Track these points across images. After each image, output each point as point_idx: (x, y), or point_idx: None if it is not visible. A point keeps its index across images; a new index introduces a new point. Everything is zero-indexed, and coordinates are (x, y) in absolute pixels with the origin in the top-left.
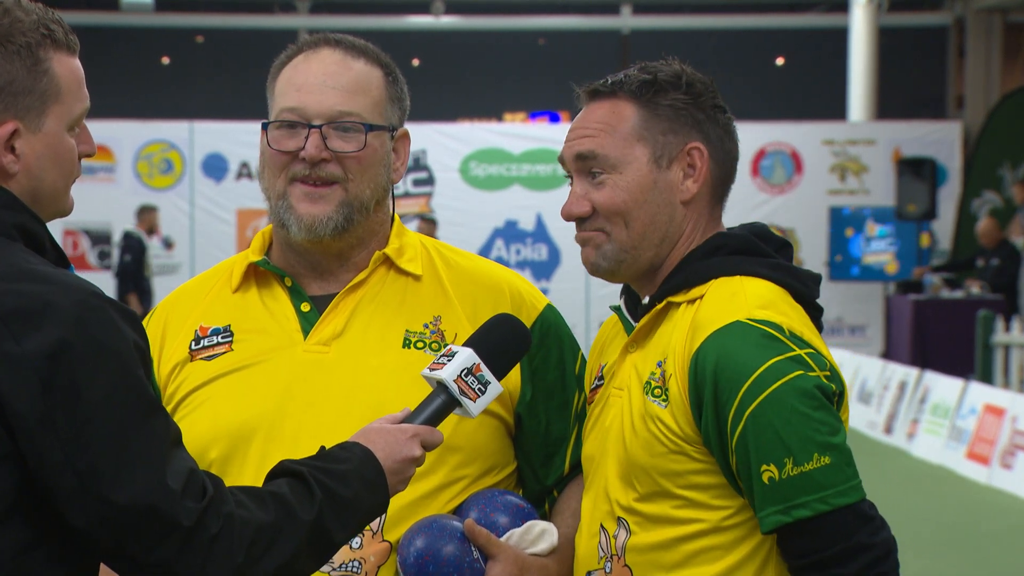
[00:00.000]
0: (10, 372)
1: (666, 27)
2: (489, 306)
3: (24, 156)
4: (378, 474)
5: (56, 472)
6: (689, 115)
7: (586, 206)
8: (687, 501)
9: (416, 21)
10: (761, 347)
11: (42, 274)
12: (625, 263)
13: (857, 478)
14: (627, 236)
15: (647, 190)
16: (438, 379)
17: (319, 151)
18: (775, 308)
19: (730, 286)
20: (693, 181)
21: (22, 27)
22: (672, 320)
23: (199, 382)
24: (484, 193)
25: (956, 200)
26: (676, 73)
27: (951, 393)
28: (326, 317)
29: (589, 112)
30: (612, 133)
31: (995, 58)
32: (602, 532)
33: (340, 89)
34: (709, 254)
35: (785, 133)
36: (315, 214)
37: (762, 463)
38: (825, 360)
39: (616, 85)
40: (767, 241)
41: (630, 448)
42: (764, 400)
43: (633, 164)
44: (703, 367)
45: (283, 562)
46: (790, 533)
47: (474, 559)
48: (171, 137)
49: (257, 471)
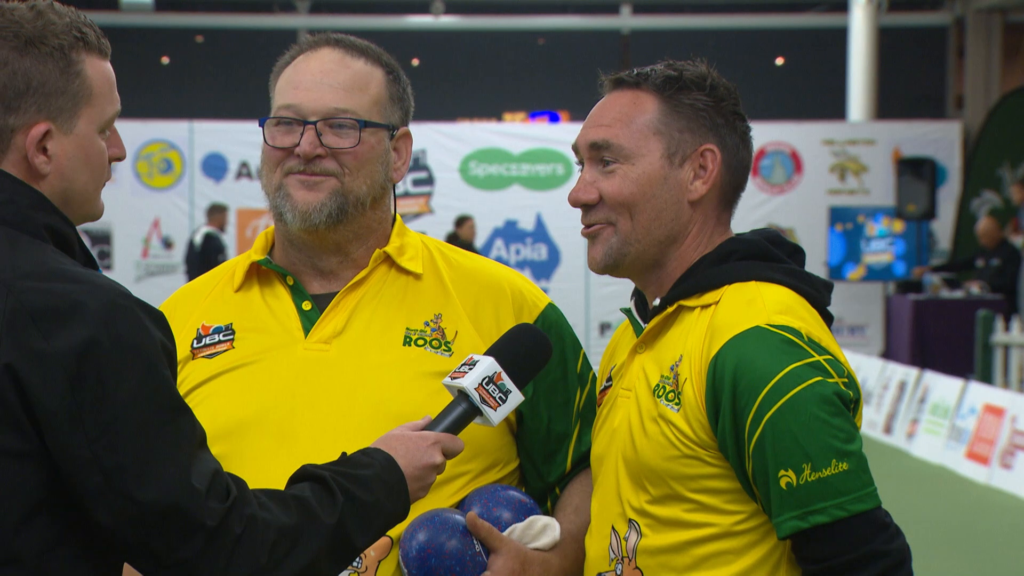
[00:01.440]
0: (39, 369)
1: (666, 27)
2: (490, 305)
3: (56, 157)
4: (399, 480)
5: (83, 469)
6: (708, 117)
7: (593, 193)
8: (699, 505)
9: (416, 21)
10: (780, 353)
11: (71, 274)
12: (628, 256)
13: (873, 485)
14: (631, 228)
15: (656, 184)
16: (459, 387)
17: (313, 147)
18: (793, 314)
19: (747, 291)
20: (703, 182)
21: (55, 29)
22: (684, 324)
23: (200, 380)
24: (484, 193)
25: (956, 200)
26: (702, 74)
27: (951, 393)
28: (327, 315)
29: (610, 101)
30: (629, 124)
31: (995, 58)
32: (613, 534)
33: (336, 87)
34: (722, 259)
35: (785, 133)
36: (309, 201)
37: (780, 468)
38: (843, 367)
39: (641, 77)
40: (780, 246)
41: (640, 450)
42: (783, 406)
43: (646, 157)
44: (721, 372)
45: (304, 565)
46: (806, 539)
47: (476, 552)
48: (171, 137)
49: (258, 468)
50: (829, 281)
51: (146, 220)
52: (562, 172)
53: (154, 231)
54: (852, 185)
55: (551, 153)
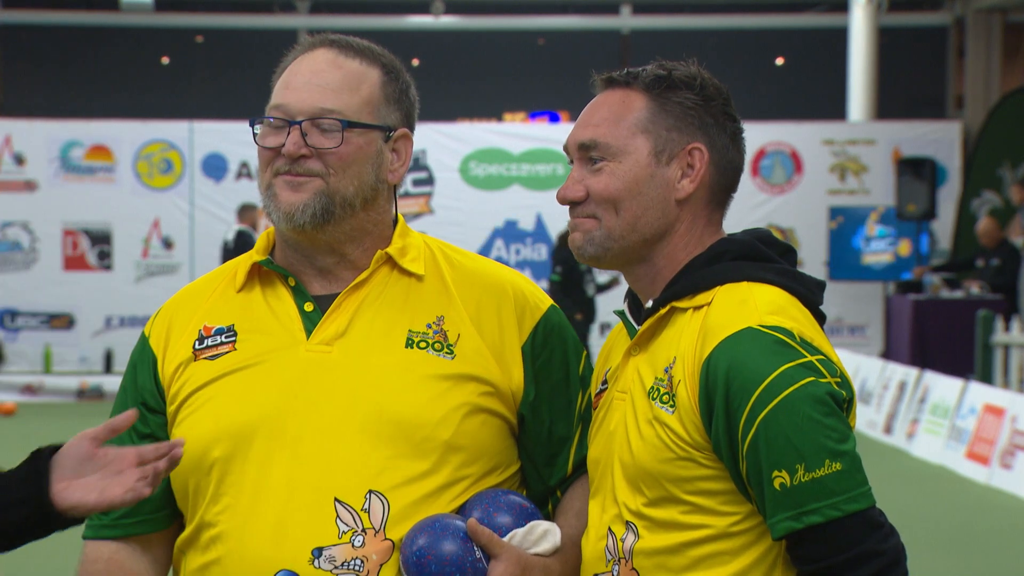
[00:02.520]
0: None
1: (666, 27)
2: (493, 307)
3: None
4: None
5: None
6: (697, 116)
7: (580, 191)
8: (695, 507)
9: (416, 21)
10: (772, 353)
11: None
12: (612, 251)
13: (867, 484)
14: (616, 224)
15: (642, 182)
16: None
17: (297, 147)
18: (785, 314)
19: (739, 292)
20: (690, 181)
21: None
22: (677, 326)
23: (202, 382)
24: (484, 193)
25: (956, 200)
26: (692, 74)
27: (951, 393)
28: (329, 316)
29: (599, 101)
30: (617, 122)
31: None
32: (609, 535)
33: (324, 87)
34: (713, 260)
35: (785, 133)
36: (293, 201)
37: (773, 469)
38: (835, 367)
39: (631, 76)
40: (771, 246)
41: (636, 453)
42: (776, 407)
43: (633, 155)
44: (714, 374)
45: None
46: (800, 539)
47: (476, 559)
48: (171, 137)
49: (259, 470)
50: (821, 280)
51: (146, 220)
52: (562, 172)
53: (154, 231)
54: (852, 185)
55: (551, 153)
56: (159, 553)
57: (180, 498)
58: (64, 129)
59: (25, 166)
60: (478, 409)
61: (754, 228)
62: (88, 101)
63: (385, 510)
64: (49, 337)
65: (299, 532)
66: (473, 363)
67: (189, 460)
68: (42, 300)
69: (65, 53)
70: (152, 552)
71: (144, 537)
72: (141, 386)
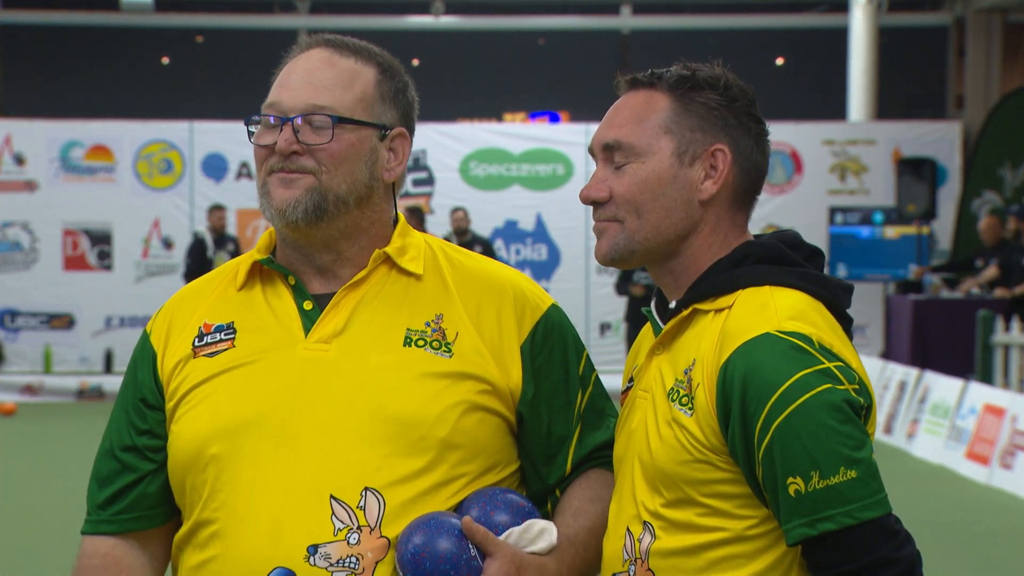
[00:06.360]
0: None
1: (666, 27)
2: (492, 306)
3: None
4: None
5: None
6: (720, 117)
7: (604, 191)
8: (711, 509)
9: (416, 21)
10: (789, 360)
11: None
12: (637, 254)
13: (883, 492)
14: (639, 227)
15: (665, 183)
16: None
17: (289, 144)
18: (805, 319)
19: (760, 296)
20: (713, 182)
21: None
22: (699, 328)
23: (200, 378)
24: (484, 193)
25: (956, 200)
26: (716, 75)
27: (951, 393)
28: (327, 315)
29: (624, 101)
30: (640, 123)
31: (995, 58)
32: (627, 535)
33: (316, 84)
34: (736, 263)
35: (785, 133)
36: (285, 198)
37: (788, 476)
38: (854, 373)
39: (655, 77)
40: (797, 249)
41: (655, 453)
42: (791, 413)
43: (656, 155)
44: (731, 379)
45: None
46: (815, 546)
47: (471, 556)
48: (171, 137)
49: (256, 468)
50: (848, 283)
51: (146, 220)
52: (562, 172)
53: (154, 231)
54: (852, 185)
55: (551, 153)
56: (157, 549)
57: (177, 495)
58: (64, 129)
59: (25, 166)
60: (475, 407)
61: (780, 231)
62: (88, 101)
63: (381, 507)
64: (49, 337)
65: (295, 529)
66: (471, 361)
67: (186, 457)
68: (42, 300)
69: (65, 53)
70: (150, 548)
71: (142, 533)
72: (141, 382)
